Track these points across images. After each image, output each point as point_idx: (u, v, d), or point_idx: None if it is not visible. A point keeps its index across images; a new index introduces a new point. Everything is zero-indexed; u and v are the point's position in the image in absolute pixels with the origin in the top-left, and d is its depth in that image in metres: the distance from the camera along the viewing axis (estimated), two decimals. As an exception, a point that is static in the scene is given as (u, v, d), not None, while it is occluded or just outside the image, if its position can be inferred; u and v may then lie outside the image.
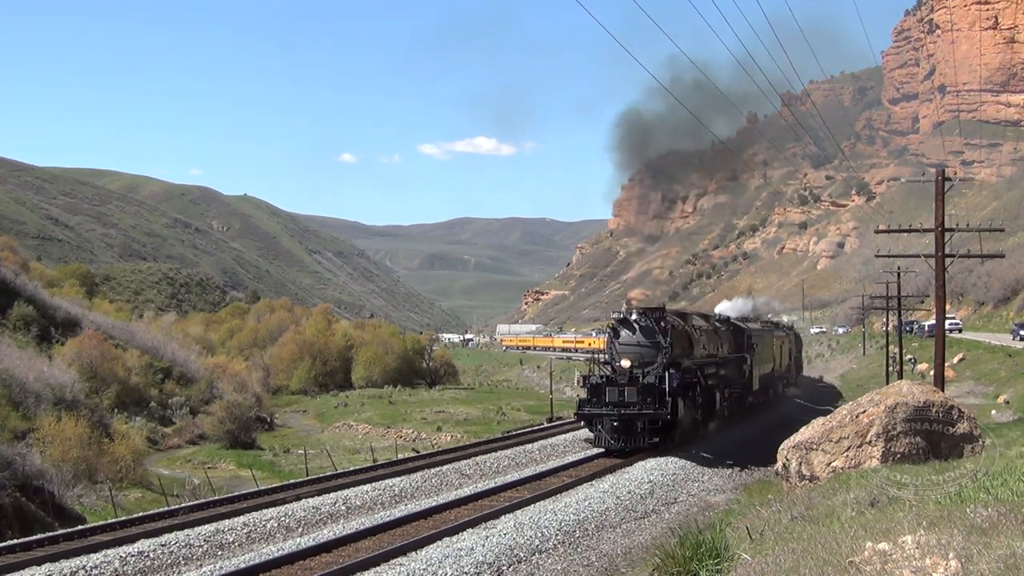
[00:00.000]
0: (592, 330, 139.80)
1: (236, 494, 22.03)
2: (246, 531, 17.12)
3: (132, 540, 16.16)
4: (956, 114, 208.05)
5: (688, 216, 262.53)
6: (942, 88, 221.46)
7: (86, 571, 14.39)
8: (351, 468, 26.55)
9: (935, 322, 24.35)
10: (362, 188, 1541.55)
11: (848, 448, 14.94)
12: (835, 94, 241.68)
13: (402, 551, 14.58)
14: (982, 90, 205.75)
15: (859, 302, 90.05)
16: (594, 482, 21.13)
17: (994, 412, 32.09)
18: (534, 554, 15.06)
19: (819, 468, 15.12)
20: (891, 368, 48.52)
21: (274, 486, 23.18)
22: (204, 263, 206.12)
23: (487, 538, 15.41)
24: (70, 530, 18.10)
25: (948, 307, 49.25)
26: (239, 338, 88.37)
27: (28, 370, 38.77)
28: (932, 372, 26.02)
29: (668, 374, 24.67)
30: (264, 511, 18.50)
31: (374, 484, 21.25)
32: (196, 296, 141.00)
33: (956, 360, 48.59)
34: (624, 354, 25.57)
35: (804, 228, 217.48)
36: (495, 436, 34.54)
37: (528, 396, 68.06)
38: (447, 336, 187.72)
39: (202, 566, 15.15)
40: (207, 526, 17.18)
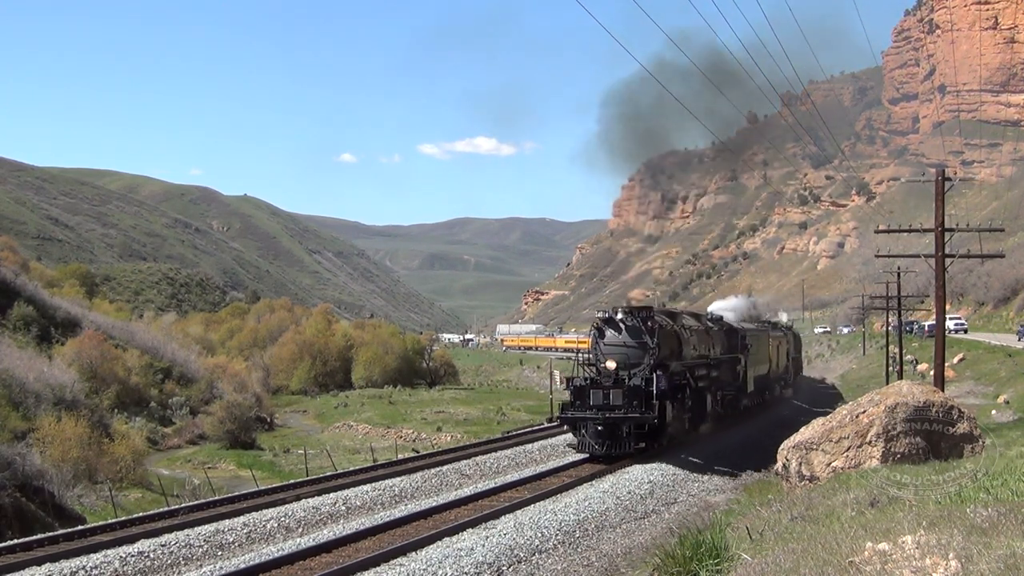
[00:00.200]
0: None
1: (236, 494, 22.03)
2: (246, 531, 17.12)
3: (132, 540, 16.15)
4: (956, 114, 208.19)
5: (688, 216, 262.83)
6: (942, 88, 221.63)
7: (86, 571, 14.38)
8: (351, 468, 26.54)
9: (935, 322, 24.36)
10: (362, 188, 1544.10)
11: (848, 448, 14.94)
12: (835, 94, 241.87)
13: (402, 551, 14.58)
14: (982, 90, 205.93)
15: (859, 302, 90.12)
16: (594, 482, 21.13)
17: (994, 412, 32.10)
18: (534, 554, 15.06)
19: (819, 468, 15.12)
20: (891, 368, 48.56)
21: (274, 486, 23.16)
22: (204, 263, 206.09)
23: (487, 538, 15.42)
24: (70, 530, 18.10)
25: (948, 307, 49.22)
26: (239, 338, 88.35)
27: (28, 370, 38.78)
28: (932, 372, 26.02)
29: (655, 376, 23.61)
30: (264, 511, 18.49)
31: (374, 484, 21.24)
32: (196, 296, 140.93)
33: (956, 360, 48.61)
34: (609, 355, 24.49)
35: (804, 228, 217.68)
36: (495, 436, 34.53)
37: (528, 396, 68.02)
38: (447, 336, 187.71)
39: (202, 566, 15.15)
40: (207, 526, 17.18)
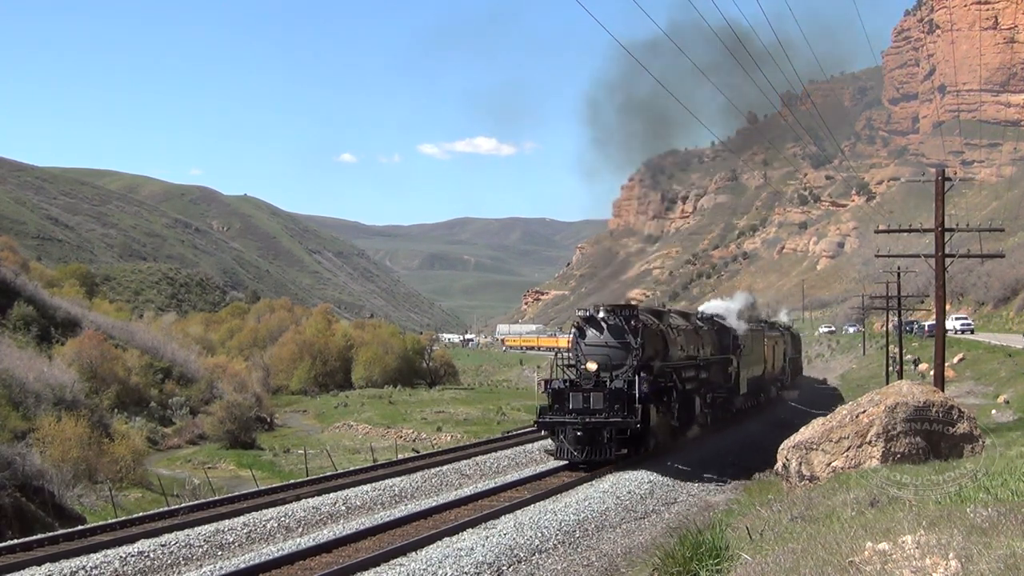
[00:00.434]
0: None
1: (236, 494, 22.03)
2: (246, 531, 17.12)
3: (132, 540, 16.15)
4: (956, 114, 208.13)
5: (688, 216, 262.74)
6: (942, 88, 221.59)
7: (86, 571, 14.38)
8: (351, 468, 26.53)
9: (935, 322, 24.36)
10: (362, 188, 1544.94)
11: (848, 448, 14.95)
12: (835, 94, 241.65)
13: (402, 551, 14.58)
14: (982, 90, 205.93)
15: (859, 302, 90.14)
16: (594, 482, 21.12)
17: (994, 412, 32.08)
18: (534, 554, 15.06)
19: (819, 468, 15.13)
20: (891, 368, 48.57)
21: (274, 486, 23.17)
22: (204, 263, 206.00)
23: (487, 538, 15.41)
24: (70, 530, 18.10)
25: (949, 307, 49.26)
26: (239, 338, 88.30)
27: (28, 370, 38.77)
28: (932, 372, 26.02)
29: (639, 378, 22.40)
30: (264, 511, 18.49)
31: (374, 484, 21.25)
32: (196, 296, 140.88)
33: (956, 360, 48.60)
34: (590, 356, 23.23)
35: (804, 228, 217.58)
36: (495, 436, 34.52)
37: (528, 396, 67.91)
38: (447, 336, 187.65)
39: (202, 566, 15.15)
40: (207, 526, 17.18)
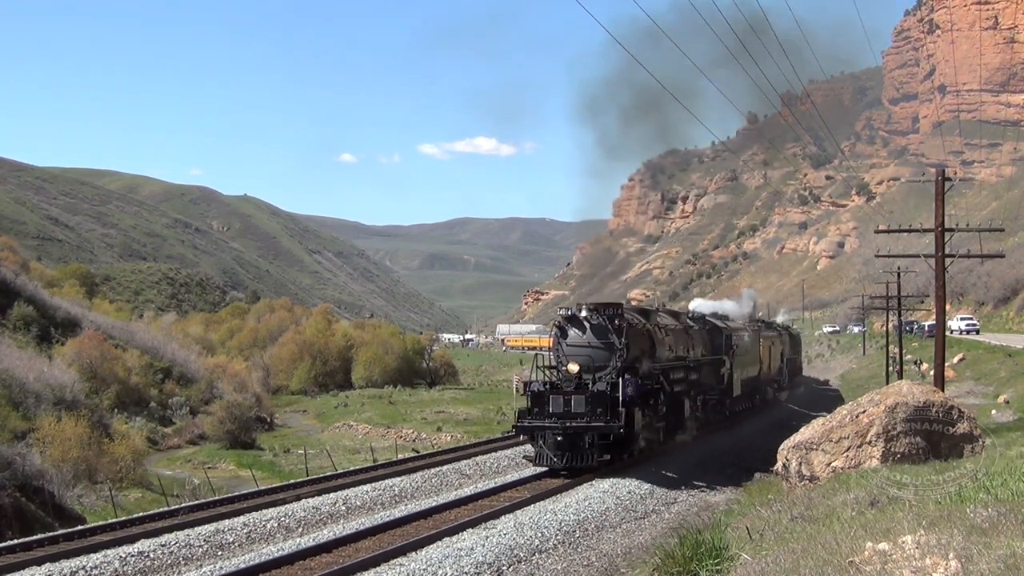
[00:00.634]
0: None
1: (236, 494, 22.02)
2: (246, 531, 17.12)
3: (132, 540, 16.15)
4: (956, 114, 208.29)
5: (688, 216, 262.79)
6: (942, 88, 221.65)
7: (86, 571, 14.38)
8: (351, 468, 26.53)
9: (935, 322, 24.37)
10: (362, 188, 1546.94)
11: (848, 448, 14.94)
12: (835, 94, 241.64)
13: (402, 551, 14.57)
14: (982, 90, 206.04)
15: (859, 302, 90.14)
16: (594, 482, 21.09)
17: (994, 412, 32.05)
18: (534, 554, 15.05)
19: (819, 468, 15.12)
20: (891, 368, 48.56)
21: (274, 486, 23.16)
22: (204, 263, 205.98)
23: (487, 538, 15.41)
24: (70, 530, 18.10)
25: (948, 307, 49.22)
26: (239, 338, 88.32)
27: (28, 370, 38.78)
28: (932, 372, 26.02)
29: (623, 380, 21.36)
30: (264, 511, 18.49)
31: (374, 484, 21.24)
32: (196, 296, 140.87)
33: (956, 360, 48.58)
34: (572, 357, 22.07)
35: (804, 228, 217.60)
36: (495, 436, 34.52)
37: (528, 396, 67.90)
38: (447, 336, 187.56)
39: (202, 566, 15.14)
40: (207, 526, 17.18)
